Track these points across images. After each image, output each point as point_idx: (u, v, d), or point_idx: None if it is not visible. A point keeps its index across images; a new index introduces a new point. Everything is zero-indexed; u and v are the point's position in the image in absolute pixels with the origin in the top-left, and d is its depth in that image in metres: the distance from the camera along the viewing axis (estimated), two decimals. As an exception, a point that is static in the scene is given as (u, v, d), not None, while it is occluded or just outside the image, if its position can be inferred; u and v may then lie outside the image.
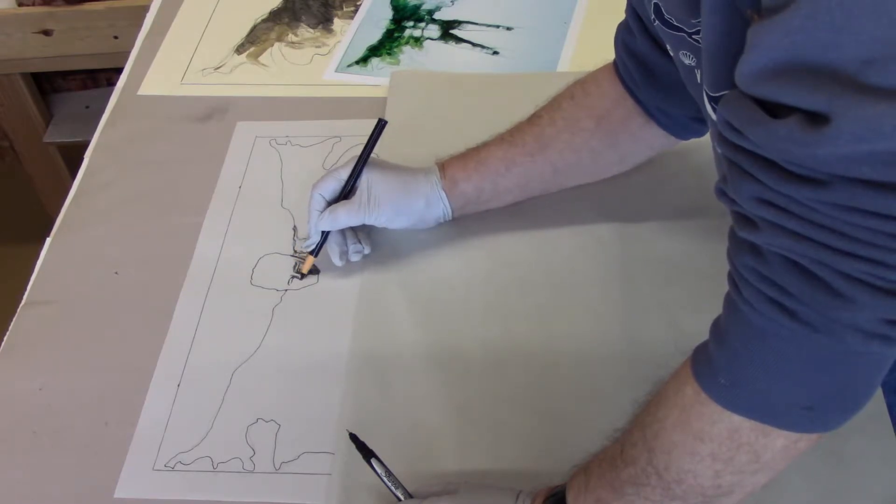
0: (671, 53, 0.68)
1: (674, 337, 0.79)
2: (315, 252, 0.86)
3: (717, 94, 0.55)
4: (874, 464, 0.71)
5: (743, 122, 0.44)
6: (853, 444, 0.72)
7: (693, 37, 0.61)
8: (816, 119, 0.41)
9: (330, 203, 0.84)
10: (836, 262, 0.44)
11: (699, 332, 0.56)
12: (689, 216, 0.89)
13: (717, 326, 0.54)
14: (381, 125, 0.85)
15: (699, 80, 0.66)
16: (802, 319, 0.47)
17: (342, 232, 0.86)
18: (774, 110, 0.43)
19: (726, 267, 0.52)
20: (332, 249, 0.86)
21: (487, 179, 0.85)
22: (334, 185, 0.84)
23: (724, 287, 0.61)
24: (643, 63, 0.78)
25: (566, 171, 0.87)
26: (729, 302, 0.52)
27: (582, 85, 0.85)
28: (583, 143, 0.84)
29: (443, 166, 0.86)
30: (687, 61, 0.64)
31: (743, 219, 0.48)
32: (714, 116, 0.56)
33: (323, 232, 0.85)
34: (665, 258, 0.86)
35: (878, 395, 0.74)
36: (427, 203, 0.85)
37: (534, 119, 0.86)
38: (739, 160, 0.46)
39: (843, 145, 0.40)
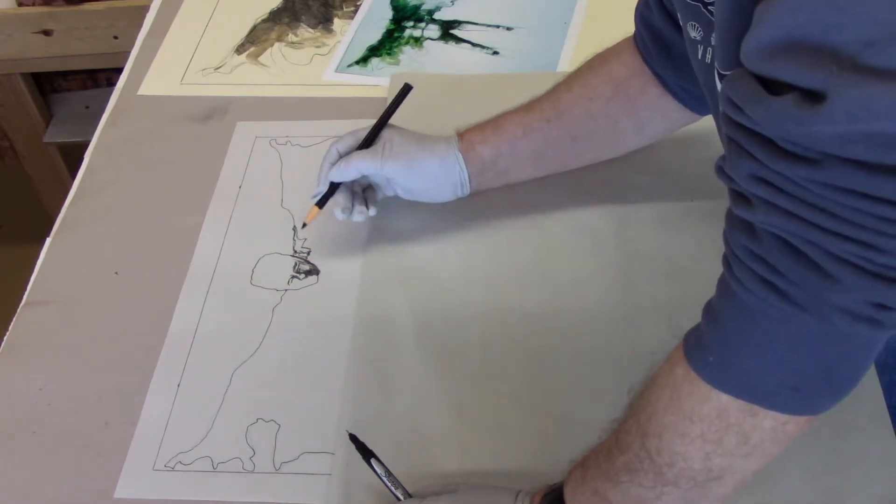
0: (681, 24, 0.68)
1: (675, 339, 0.79)
2: (321, 203, 0.85)
3: (727, 73, 0.55)
4: (874, 464, 0.71)
5: (743, 98, 0.45)
6: (853, 443, 0.72)
7: (709, 7, 0.60)
8: (813, 97, 0.41)
9: (340, 154, 0.84)
10: (826, 242, 0.45)
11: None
12: (689, 215, 0.89)
13: (709, 307, 0.55)
14: (406, 90, 0.85)
15: (701, 56, 0.65)
16: (791, 299, 0.48)
17: (350, 190, 0.86)
18: (775, 88, 0.43)
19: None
20: (337, 202, 0.85)
21: (504, 142, 0.85)
22: (352, 141, 0.85)
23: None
24: (659, 37, 0.78)
25: (584, 139, 0.86)
26: (722, 283, 0.53)
27: (601, 56, 0.85)
28: (600, 109, 0.84)
29: (461, 134, 0.87)
30: (693, 34, 0.64)
31: (739, 196, 0.48)
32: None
33: (332, 184, 0.84)
34: (664, 257, 0.86)
35: (878, 394, 0.74)
36: (442, 163, 0.84)
37: (552, 89, 0.86)
38: (738, 137, 0.46)
39: (837, 124, 0.40)
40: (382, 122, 0.85)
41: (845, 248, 0.44)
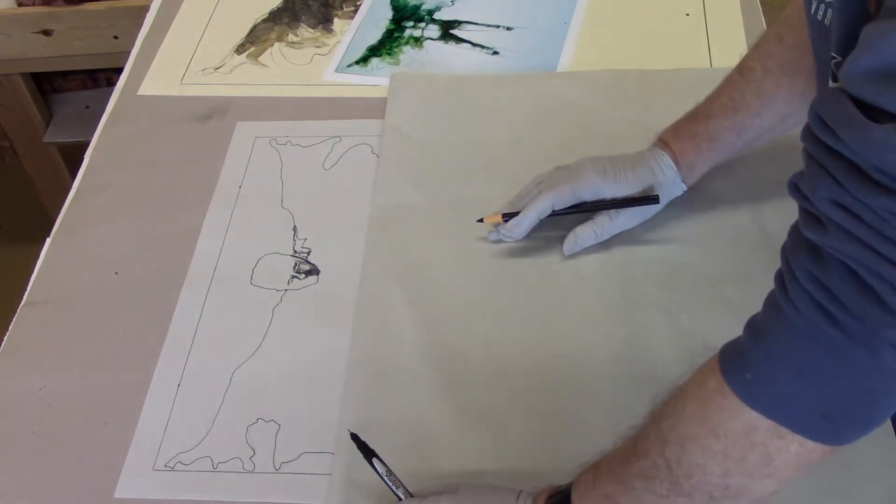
0: None
1: (674, 339, 0.79)
2: (507, 218, 0.86)
3: (836, 56, 0.54)
4: (875, 464, 0.71)
5: (837, 121, 0.44)
6: (854, 444, 0.71)
7: None
8: None
9: (555, 212, 0.85)
10: None
11: (699, 333, 0.56)
12: (691, 218, 0.89)
13: (754, 323, 0.54)
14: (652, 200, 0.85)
15: (813, 11, 0.61)
16: (844, 330, 0.47)
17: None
18: (873, 114, 0.42)
19: (727, 269, 0.52)
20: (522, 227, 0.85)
21: (721, 154, 0.84)
22: (570, 200, 0.84)
23: (725, 290, 0.61)
24: None
25: (794, 115, 0.83)
26: (771, 301, 0.52)
27: (785, 23, 0.81)
28: (806, 84, 0.79)
29: (674, 153, 0.85)
30: None
31: (811, 217, 0.47)
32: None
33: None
34: (665, 260, 0.86)
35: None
36: (666, 198, 0.85)
37: (746, 73, 0.83)
38: (823, 159, 0.45)
39: None
40: (613, 207, 0.84)
41: None
